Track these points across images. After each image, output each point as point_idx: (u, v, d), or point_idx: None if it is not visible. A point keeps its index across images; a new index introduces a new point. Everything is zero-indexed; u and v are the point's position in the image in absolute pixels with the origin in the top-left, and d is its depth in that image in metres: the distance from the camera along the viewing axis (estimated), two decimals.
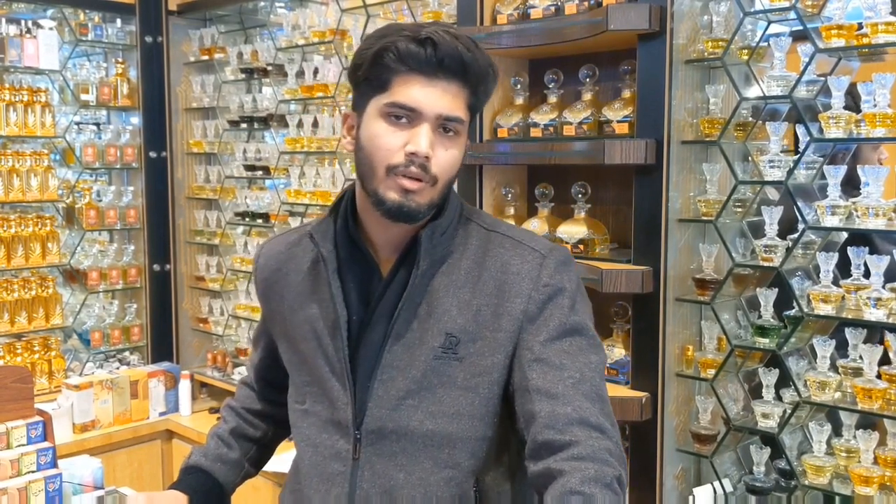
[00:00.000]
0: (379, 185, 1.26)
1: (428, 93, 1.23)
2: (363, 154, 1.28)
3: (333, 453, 1.34)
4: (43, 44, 3.63)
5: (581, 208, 2.44)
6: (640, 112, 2.22)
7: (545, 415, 1.19)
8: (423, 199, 1.26)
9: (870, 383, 1.92)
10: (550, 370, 1.24)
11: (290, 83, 3.46)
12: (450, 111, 1.24)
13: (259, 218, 3.67)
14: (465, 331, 1.29)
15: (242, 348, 3.76)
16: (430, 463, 1.30)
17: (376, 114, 1.26)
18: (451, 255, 1.33)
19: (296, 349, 1.41)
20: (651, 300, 2.21)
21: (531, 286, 1.28)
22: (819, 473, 2.02)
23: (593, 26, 2.22)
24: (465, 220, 1.36)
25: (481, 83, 1.28)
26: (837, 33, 1.95)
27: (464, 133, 1.29)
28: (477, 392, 1.29)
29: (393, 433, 1.30)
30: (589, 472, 1.11)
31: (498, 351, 1.28)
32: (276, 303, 1.45)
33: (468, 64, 1.24)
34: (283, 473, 2.96)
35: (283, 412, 1.60)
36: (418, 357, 1.29)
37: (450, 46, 1.22)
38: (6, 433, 1.79)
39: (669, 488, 2.27)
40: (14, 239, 3.53)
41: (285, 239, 1.49)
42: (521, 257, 1.31)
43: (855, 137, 1.97)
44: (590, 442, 1.16)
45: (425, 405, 1.29)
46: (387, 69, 1.23)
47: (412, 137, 1.23)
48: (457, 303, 1.30)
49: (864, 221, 1.91)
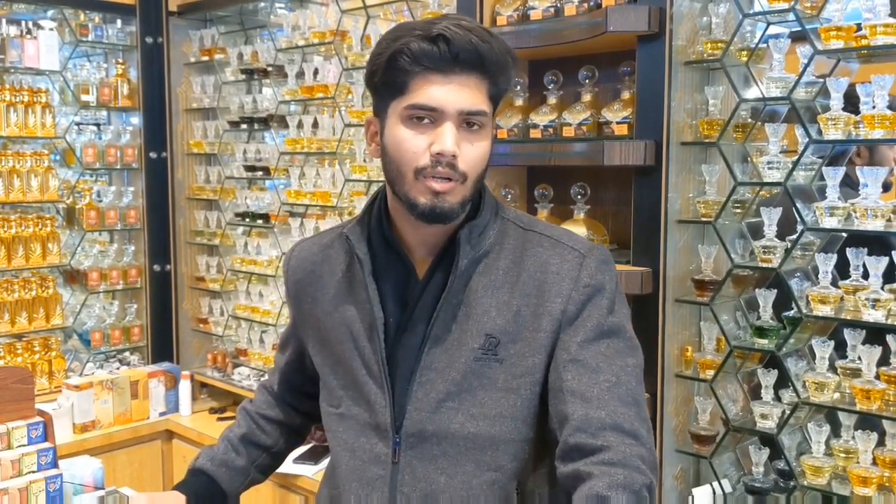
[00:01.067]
0: (409, 190, 1.24)
1: (447, 90, 1.21)
2: (389, 159, 1.26)
3: (372, 457, 1.32)
4: (43, 44, 3.63)
5: (580, 209, 2.45)
6: (639, 113, 2.22)
7: (578, 417, 1.18)
8: (456, 199, 1.24)
9: (869, 384, 1.92)
10: (586, 372, 1.22)
11: (290, 84, 3.46)
12: (472, 105, 1.23)
13: (259, 218, 3.67)
14: (504, 332, 1.27)
15: (242, 349, 3.77)
16: (472, 466, 1.28)
17: (398, 118, 1.24)
18: (488, 255, 1.31)
19: (331, 351, 1.40)
20: (650, 301, 2.21)
21: (571, 286, 1.27)
22: (818, 474, 2.02)
23: (593, 28, 2.22)
24: (501, 219, 1.35)
25: (500, 72, 1.26)
26: (836, 35, 1.95)
27: (489, 125, 1.28)
28: (518, 393, 1.28)
29: (433, 436, 1.28)
30: (618, 478, 1.10)
31: (538, 352, 1.27)
32: (308, 305, 1.43)
33: (484, 55, 1.22)
34: (286, 474, 2.98)
35: (299, 420, 1.59)
36: (458, 359, 1.27)
37: (463, 40, 1.20)
38: (7, 433, 1.80)
39: (668, 489, 2.28)
40: (14, 239, 3.53)
41: (318, 241, 1.48)
42: (560, 257, 1.29)
43: (854, 139, 1.97)
44: (622, 448, 1.14)
45: (466, 407, 1.27)
46: (402, 72, 1.22)
47: (437, 137, 1.22)
48: (496, 303, 1.28)
49: (863, 223, 1.91)
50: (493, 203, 1.35)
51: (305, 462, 3.03)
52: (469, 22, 1.24)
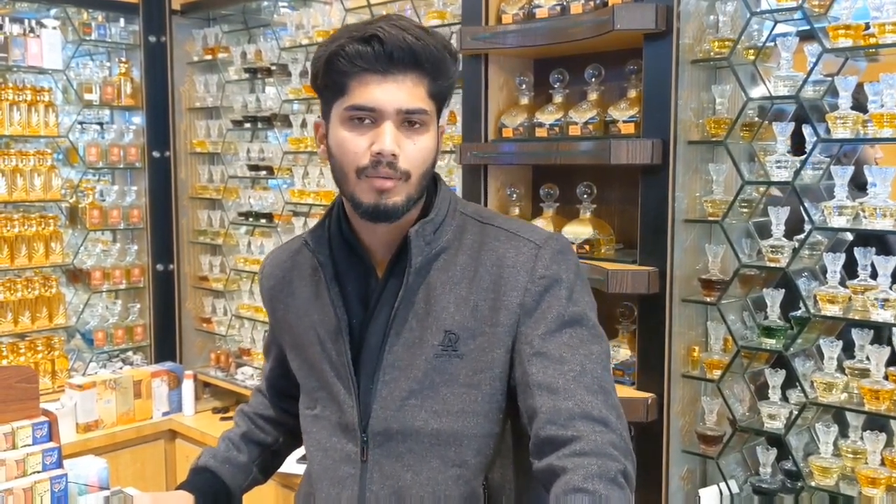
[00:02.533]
0: (354, 189, 1.26)
1: (384, 89, 1.22)
2: (335, 161, 1.28)
3: (343, 457, 1.34)
4: (46, 43, 3.63)
5: (586, 209, 2.43)
6: (646, 112, 2.21)
7: (547, 410, 1.19)
8: (399, 197, 1.25)
9: (877, 384, 1.91)
10: (551, 364, 1.22)
11: (293, 83, 3.46)
12: (409, 104, 1.23)
13: (262, 218, 3.67)
14: (463, 327, 1.28)
15: (245, 348, 3.76)
16: (437, 462, 1.29)
17: (339, 119, 1.26)
18: (447, 251, 1.31)
19: (304, 356, 1.42)
20: (657, 301, 2.20)
21: (527, 278, 1.27)
22: (826, 475, 2.01)
23: (599, 26, 2.21)
24: (460, 214, 1.35)
25: (438, 69, 1.25)
26: (845, 33, 1.94)
27: (431, 123, 1.27)
28: (480, 388, 1.29)
29: (399, 434, 1.29)
30: (592, 469, 1.10)
31: (498, 346, 1.27)
32: (282, 312, 1.46)
33: (419, 52, 1.22)
34: (287, 474, 2.97)
35: (293, 421, 1.59)
36: (419, 356, 1.29)
37: (397, 39, 1.20)
38: (12, 433, 1.79)
39: (675, 489, 2.26)
40: (17, 238, 3.52)
41: (287, 248, 1.50)
42: (515, 249, 1.29)
43: (862, 138, 1.96)
44: (593, 436, 1.15)
45: (429, 404, 1.29)
46: (340, 73, 1.23)
47: (376, 137, 1.22)
48: (454, 299, 1.29)
49: (872, 222, 1.90)
50: (448, 199, 1.35)
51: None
52: (405, 21, 1.25)
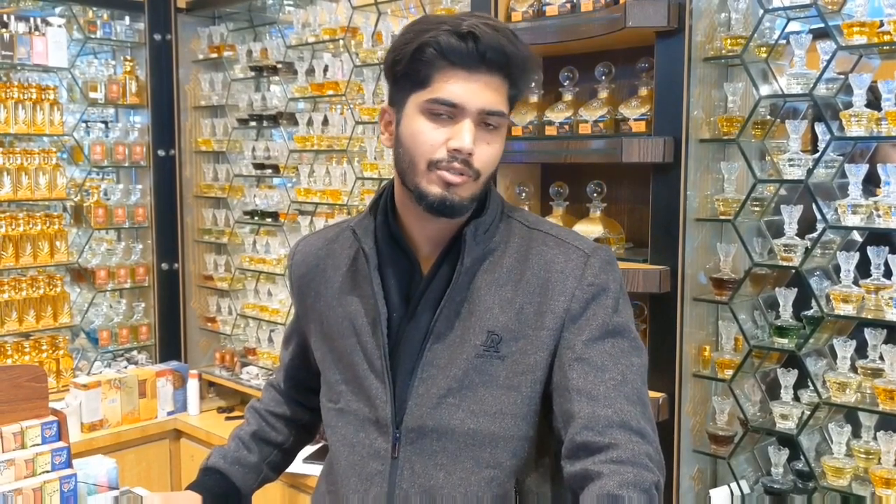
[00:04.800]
0: (421, 180, 1.24)
1: (470, 88, 1.21)
2: (403, 150, 1.26)
3: (371, 452, 1.32)
4: (52, 41, 3.61)
5: (596, 207, 2.42)
6: (657, 110, 2.20)
7: (585, 416, 1.18)
8: (466, 193, 1.25)
9: (891, 384, 1.90)
10: (592, 371, 1.22)
11: (299, 81, 3.44)
12: (492, 105, 1.23)
13: (268, 217, 3.65)
14: (507, 329, 1.27)
15: (251, 348, 3.75)
16: (471, 462, 1.28)
17: (416, 110, 1.24)
18: (493, 253, 1.31)
19: (333, 346, 1.40)
20: (668, 300, 2.19)
21: (575, 284, 1.27)
22: (839, 475, 2.00)
23: (611, 23, 2.20)
24: (507, 218, 1.35)
25: (523, 76, 1.26)
26: (859, 30, 1.93)
27: (504, 126, 1.28)
28: (519, 391, 1.28)
29: (433, 432, 1.28)
30: (628, 477, 1.10)
31: (540, 349, 1.27)
32: (311, 300, 1.44)
33: (510, 56, 1.22)
34: (294, 474, 2.96)
35: (308, 416, 1.58)
36: (459, 355, 1.28)
37: (492, 39, 1.20)
38: (21, 433, 1.77)
39: (686, 489, 2.25)
40: (22, 237, 3.51)
41: (323, 235, 1.48)
42: (565, 255, 1.29)
43: (876, 136, 1.95)
44: (630, 446, 1.14)
45: (466, 404, 1.27)
46: (427, 65, 1.21)
47: (455, 133, 1.22)
48: (499, 301, 1.28)
49: (887, 220, 1.89)
50: (498, 201, 1.36)
51: (315, 461, 3.01)
52: (497, 22, 1.25)
